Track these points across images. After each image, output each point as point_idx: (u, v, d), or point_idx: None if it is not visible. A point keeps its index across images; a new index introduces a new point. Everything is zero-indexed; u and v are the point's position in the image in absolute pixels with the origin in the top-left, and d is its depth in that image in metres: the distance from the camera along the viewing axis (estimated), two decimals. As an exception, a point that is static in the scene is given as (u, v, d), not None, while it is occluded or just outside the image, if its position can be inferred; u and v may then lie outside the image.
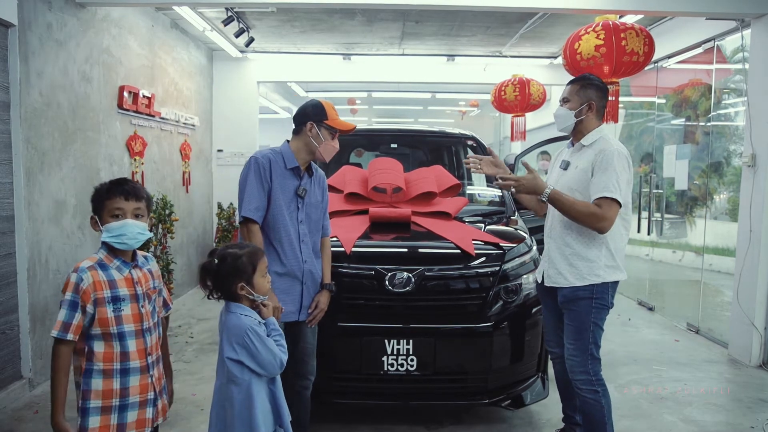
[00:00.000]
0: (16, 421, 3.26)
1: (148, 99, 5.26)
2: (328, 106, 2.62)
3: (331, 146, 2.62)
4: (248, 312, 2.00)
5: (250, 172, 2.49)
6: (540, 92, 6.42)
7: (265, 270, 2.05)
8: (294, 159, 2.58)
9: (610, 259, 2.60)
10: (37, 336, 3.73)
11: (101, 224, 1.90)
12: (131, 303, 1.92)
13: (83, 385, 1.87)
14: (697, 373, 4.19)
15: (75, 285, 1.82)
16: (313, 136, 2.57)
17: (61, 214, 4.01)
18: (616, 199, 2.49)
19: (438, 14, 5.70)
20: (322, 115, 2.58)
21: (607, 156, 2.53)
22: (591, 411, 2.62)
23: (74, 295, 1.81)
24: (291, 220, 2.55)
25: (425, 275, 2.90)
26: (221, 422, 1.96)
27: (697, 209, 5.71)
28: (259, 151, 2.59)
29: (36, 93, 3.71)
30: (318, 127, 2.57)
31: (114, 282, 1.89)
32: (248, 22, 6.08)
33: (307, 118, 2.58)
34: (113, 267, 1.91)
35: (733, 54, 5.03)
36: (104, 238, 1.89)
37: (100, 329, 1.86)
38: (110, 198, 1.90)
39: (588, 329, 2.59)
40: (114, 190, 1.91)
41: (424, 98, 12.46)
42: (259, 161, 2.50)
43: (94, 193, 1.94)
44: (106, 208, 1.90)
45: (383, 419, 3.29)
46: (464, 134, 4.60)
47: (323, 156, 2.61)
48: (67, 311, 1.81)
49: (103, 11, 4.51)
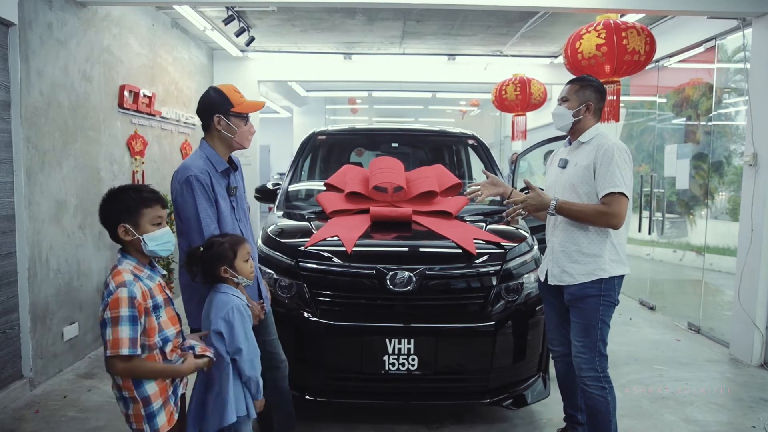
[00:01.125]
0: (17, 420, 3.26)
1: (149, 98, 5.26)
2: (230, 90, 2.41)
3: (246, 132, 2.44)
4: (237, 293, 2.21)
5: (197, 194, 2.28)
6: (541, 91, 6.41)
7: (247, 256, 2.23)
8: (222, 160, 2.41)
9: (614, 253, 2.62)
10: (37, 335, 3.73)
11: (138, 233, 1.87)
12: (166, 307, 1.94)
13: (139, 395, 1.87)
14: (699, 373, 4.19)
15: (130, 300, 1.79)
16: (224, 128, 2.38)
17: (62, 213, 4.01)
18: (623, 192, 2.51)
19: (439, 13, 5.70)
20: (227, 103, 2.37)
21: (608, 152, 2.55)
22: (597, 407, 2.63)
23: (132, 310, 1.79)
24: (232, 221, 2.43)
25: (426, 274, 2.90)
26: (200, 398, 2.17)
27: (697, 209, 5.70)
28: (189, 165, 2.32)
29: (36, 92, 3.71)
30: (227, 117, 2.37)
31: (151, 290, 1.89)
32: (249, 22, 6.08)
33: (213, 111, 2.38)
34: (144, 276, 1.90)
35: (735, 53, 5.02)
36: (151, 247, 1.88)
37: (147, 339, 1.86)
38: (151, 206, 1.90)
39: (596, 326, 2.60)
40: (152, 198, 1.92)
41: (424, 97, 12.46)
42: (200, 179, 2.29)
43: (125, 201, 1.88)
44: (145, 217, 1.88)
45: (384, 418, 3.29)
46: (465, 133, 4.60)
47: (242, 144, 2.45)
48: (130, 327, 1.78)
49: (103, 10, 4.51)
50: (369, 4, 4.69)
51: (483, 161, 4.33)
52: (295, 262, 2.99)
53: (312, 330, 2.87)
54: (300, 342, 2.89)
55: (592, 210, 2.56)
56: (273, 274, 3.01)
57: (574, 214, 2.61)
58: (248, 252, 2.24)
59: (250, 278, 2.24)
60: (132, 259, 1.91)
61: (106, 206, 1.91)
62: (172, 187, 2.35)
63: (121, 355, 1.76)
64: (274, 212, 3.81)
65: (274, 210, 3.86)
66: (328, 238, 3.10)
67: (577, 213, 2.59)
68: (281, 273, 3.01)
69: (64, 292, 4.04)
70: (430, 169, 3.89)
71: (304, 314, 2.89)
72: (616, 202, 2.51)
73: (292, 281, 2.96)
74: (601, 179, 2.55)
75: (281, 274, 3.00)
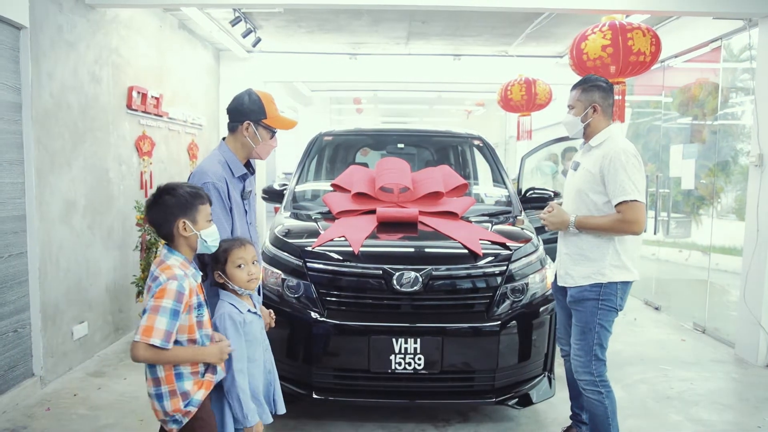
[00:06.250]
0: (29, 418, 3.30)
1: (156, 99, 5.30)
2: (268, 101, 2.34)
3: (269, 146, 2.39)
4: (234, 300, 2.12)
5: (214, 203, 2.17)
6: (546, 92, 6.42)
7: (240, 261, 2.09)
8: (240, 165, 2.35)
9: (615, 258, 2.61)
10: (48, 334, 3.77)
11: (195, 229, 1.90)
12: (206, 308, 1.95)
13: (179, 389, 1.87)
14: (704, 373, 4.19)
15: (178, 293, 1.79)
16: (250, 136, 2.32)
17: (72, 213, 4.05)
18: (636, 199, 2.50)
19: (444, 14, 5.71)
20: (261, 112, 2.31)
21: (614, 158, 2.54)
22: (594, 411, 2.65)
23: (177, 304, 1.79)
24: (242, 225, 2.37)
25: (432, 275, 2.93)
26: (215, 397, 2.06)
27: (703, 208, 5.69)
28: (207, 171, 2.24)
29: (47, 94, 3.75)
30: (256, 126, 2.31)
31: (195, 289, 1.90)
32: (255, 23, 6.11)
33: (244, 117, 2.31)
34: (190, 274, 1.91)
35: (741, 53, 5.02)
36: (209, 243, 1.93)
37: (187, 335, 1.87)
38: (205, 203, 1.95)
39: (593, 330, 2.61)
40: (204, 195, 1.96)
41: (429, 97, 12.47)
42: (217, 186, 2.21)
43: (181, 197, 1.90)
44: (202, 213, 1.92)
45: (390, 417, 3.32)
46: (471, 134, 4.61)
47: (260, 156, 2.39)
48: (170, 320, 1.77)
49: (112, 12, 4.55)
50: (375, 6, 4.71)
51: (488, 162, 4.35)
52: (303, 262, 3.02)
53: (319, 329, 2.89)
54: (307, 341, 2.92)
55: (610, 221, 2.56)
56: (280, 274, 3.04)
57: (594, 228, 2.61)
58: (242, 258, 2.10)
59: (245, 287, 2.11)
60: (180, 255, 1.91)
61: (159, 201, 1.90)
62: None
63: (150, 344, 1.75)
64: (281, 213, 3.84)
65: (281, 210, 3.90)
66: (336, 238, 3.13)
67: (596, 227, 2.60)
68: (289, 273, 3.04)
69: (74, 291, 4.09)
70: (436, 169, 3.91)
71: (311, 314, 2.92)
72: (629, 209, 2.51)
73: (300, 281, 2.99)
74: (611, 188, 2.55)
75: (289, 274, 3.03)
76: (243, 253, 2.10)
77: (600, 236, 2.62)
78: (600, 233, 2.62)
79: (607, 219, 2.57)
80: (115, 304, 4.66)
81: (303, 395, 2.93)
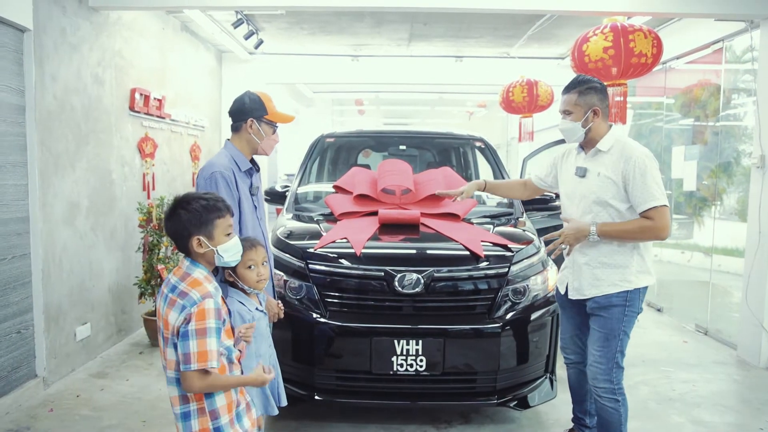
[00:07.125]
0: (32, 418, 3.32)
1: (159, 101, 5.32)
2: (266, 99, 2.52)
3: (272, 141, 2.57)
4: (242, 299, 2.21)
5: (220, 190, 2.30)
6: (548, 93, 6.42)
7: (249, 263, 2.15)
8: (245, 160, 2.50)
9: (641, 263, 2.55)
10: (51, 335, 3.79)
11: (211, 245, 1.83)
12: (228, 320, 1.90)
13: (208, 407, 1.80)
14: (706, 375, 4.19)
15: (217, 311, 1.75)
16: (254, 132, 2.50)
17: (75, 215, 4.07)
18: (665, 204, 2.43)
19: (446, 16, 5.72)
20: (262, 110, 2.50)
21: (639, 163, 2.44)
22: (609, 419, 2.60)
23: (218, 322, 1.75)
24: (252, 220, 2.48)
25: (434, 276, 2.93)
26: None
27: (705, 210, 5.69)
28: (215, 163, 2.41)
29: (50, 96, 3.77)
30: (258, 123, 2.50)
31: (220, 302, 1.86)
32: (258, 25, 6.12)
33: (247, 115, 2.49)
34: (216, 288, 1.85)
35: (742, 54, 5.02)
36: (226, 259, 1.86)
37: None
38: (223, 216, 1.86)
39: (617, 337, 2.55)
40: (223, 207, 1.87)
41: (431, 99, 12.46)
42: (224, 175, 2.34)
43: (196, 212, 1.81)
44: (219, 228, 1.84)
45: (392, 418, 3.32)
46: (472, 136, 4.62)
47: (265, 151, 2.57)
48: (217, 339, 1.73)
49: (115, 15, 4.57)
50: (377, 8, 4.72)
51: (490, 163, 4.36)
52: (305, 263, 3.03)
53: (321, 331, 2.90)
54: (309, 343, 2.93)
55: (637, 227, 2.46)
56: (283, 275, 3.05)
57: (618, 235, 2.50)
58: (252, 259, 2.16)
59: (255, 287, 2.20)
60: (203, 268, 1.84)
61: (174, 217, 1.83)
62: (197, 184, 2.42)
63: (206, 369, 1.69)
64: (284, 214, 3.85)
65: (284, 212, 3.91)
66: (338, 240, 3.14)
67: (621, 233, 2.49)
68: (291, 274, 3.05)
69: (77, 292, 4.10)
70: (438, 171, 3.92)
71: (313, 315, 2.93)
72: (659, 215, 2.41)
73: (302, 283, 3.00)
74: (639, 194, 2.44)
75: (291, 276, 3.04)
76: (254, 254, 2.17)
77: (624, 243, 2.53)
78: (624, 240, 2.53)
79: (634, 225, 2.47)
80: (117, 305, 4.68)
81: (305, 396, 2.94)
